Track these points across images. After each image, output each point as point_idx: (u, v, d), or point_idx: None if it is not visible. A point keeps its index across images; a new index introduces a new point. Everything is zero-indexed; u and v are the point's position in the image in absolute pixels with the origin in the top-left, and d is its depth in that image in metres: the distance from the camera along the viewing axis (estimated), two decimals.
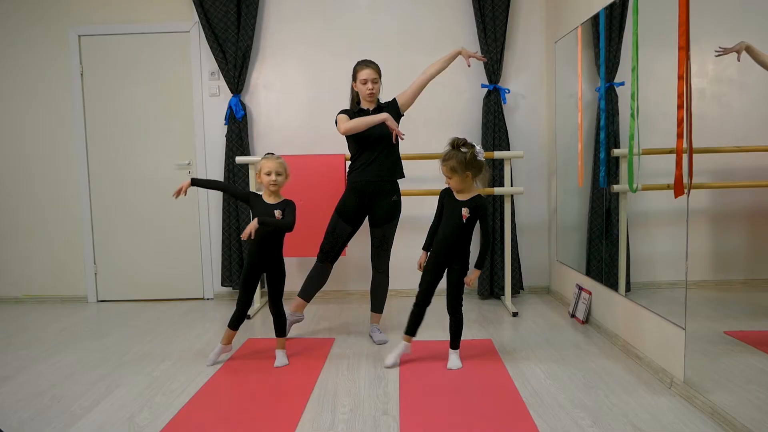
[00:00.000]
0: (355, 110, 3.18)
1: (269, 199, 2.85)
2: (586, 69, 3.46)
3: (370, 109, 3.17)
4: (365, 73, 3.10)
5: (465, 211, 2.71)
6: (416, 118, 4.24)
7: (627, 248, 3.00)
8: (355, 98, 3.23)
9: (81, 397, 2.53)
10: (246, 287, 2.89)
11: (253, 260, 2.86)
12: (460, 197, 2.75)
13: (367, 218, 3.25)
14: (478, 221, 2.76)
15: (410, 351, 2.89)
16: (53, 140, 4.38)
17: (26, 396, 2.56)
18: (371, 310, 3.33)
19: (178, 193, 2.80)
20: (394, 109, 3.18)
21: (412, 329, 2.84)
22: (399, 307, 3.91)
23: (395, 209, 3.20)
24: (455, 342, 2.82)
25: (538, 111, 4.28)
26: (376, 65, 3.16)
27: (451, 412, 2.28)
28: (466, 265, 2.80)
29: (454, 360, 2.79)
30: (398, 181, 3.24)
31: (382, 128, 3.06)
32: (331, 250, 3.22)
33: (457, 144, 2.69)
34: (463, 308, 2.82)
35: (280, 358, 2.89)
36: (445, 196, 2.81)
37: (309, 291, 3.29)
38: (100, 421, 2.28)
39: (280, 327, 2.94)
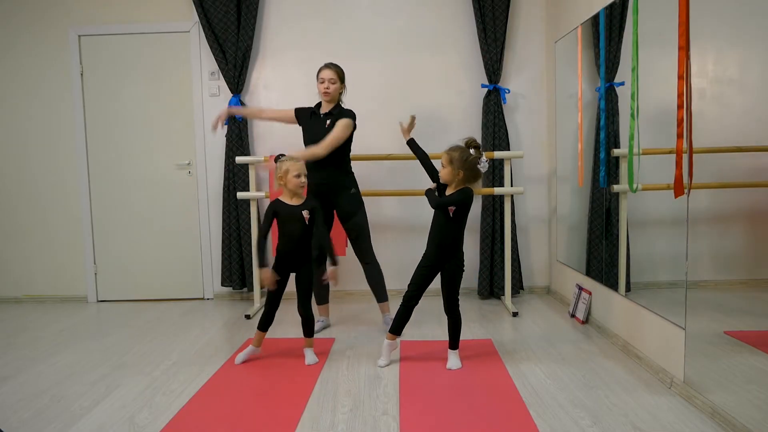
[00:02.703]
0: (313, 110, 3.35)
1: (292, 201, 2.83)
2: (586, 69, 3.46)
3: (322, 113, 3.31)
4: (323, 74, 3.27)
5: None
6: (416, 119, 4.24)
7: (627, 248, 3.00)
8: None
9: (81, 397, 2.53)
10: (276, 289, 2.85)
11: (283, 260, 2.83)
12: (447, 192, 2.72)
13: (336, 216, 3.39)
14: (465, 215, 2.72)
15: (397, 347, 2.91)
16: (53, 140, 4.38)
17: (26, 396, 2.56)
18: (377, 302, 3.40)
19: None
20: (341, 117, 3.25)
21: (398, 328, 2.83)
22: None
23: (356, 200, 3.32)
24: (454, 342, 2.82)
25: (538, 111, 4.28)
26: (337, 68, 3.30)
27: (451, 412, 2.28)
28: (461, 264, 2.77)
29: (454, 360, 2.78)
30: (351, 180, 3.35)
31: (316, 132, 3.21)
32: (318, 252, 3.35)
33: (469, 143, 2.68)
34: (460, 308, 2.82)
35: (310, 356, 2.90)
36: (434, 189, 2.77)
37: (321, 296, 3.48)
38: (100, 421, 2.28)
39: (309, 328, 2.92)
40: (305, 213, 2.81)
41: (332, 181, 3.26)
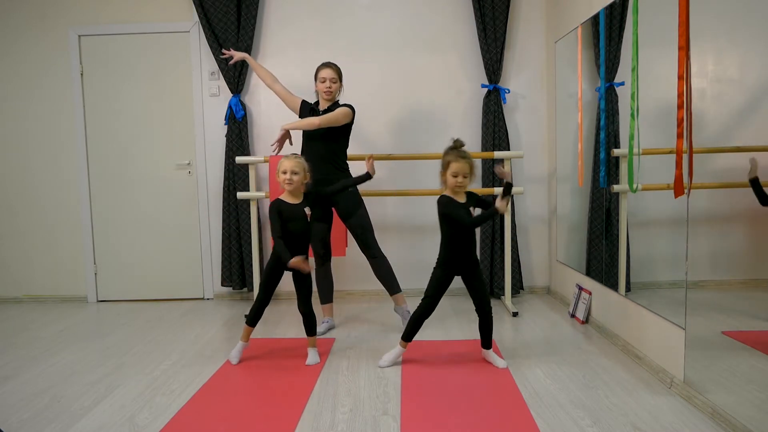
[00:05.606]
0: (312, 106, 3.38)
1: (293, 200, 2.83)
2: (586, 69, 3.46)
3: (321, 109, 3.32)
4: (324, 73, 3.29)
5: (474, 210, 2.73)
6: (416, 119, 4.25)
7: (627, 248, 3.00)
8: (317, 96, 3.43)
9: (81, 397, 2.53)
10: (269, 285, 2.86)
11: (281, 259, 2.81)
12: (460, 200, 2.69)
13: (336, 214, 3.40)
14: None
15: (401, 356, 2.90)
16: (53, 140, 4.37)
17: (26, 396, 2.56)
18: (390, 295, 3.38)
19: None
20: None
21: (409, 335, 2.82)
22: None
23: (355, 197, 3.32)
24: (487, 342, 2.85)
25: (538, 111, 4.28)
26: (337, 67, 3.33)
27: (452, 412, 2.28)
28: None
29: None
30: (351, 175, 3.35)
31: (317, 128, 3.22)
32: (323, 251, 3.39)
33: (458, 145, 2.70)
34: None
35: (312, 356, 2.89)
36: (451, 203, 2.66)
37: (326, 294, 3.48)
38: (100, 421, 2.28)
39: (311, 326, 2.92)
40: (307, 210, 2.83)
41: (330, 179, 3.25)
